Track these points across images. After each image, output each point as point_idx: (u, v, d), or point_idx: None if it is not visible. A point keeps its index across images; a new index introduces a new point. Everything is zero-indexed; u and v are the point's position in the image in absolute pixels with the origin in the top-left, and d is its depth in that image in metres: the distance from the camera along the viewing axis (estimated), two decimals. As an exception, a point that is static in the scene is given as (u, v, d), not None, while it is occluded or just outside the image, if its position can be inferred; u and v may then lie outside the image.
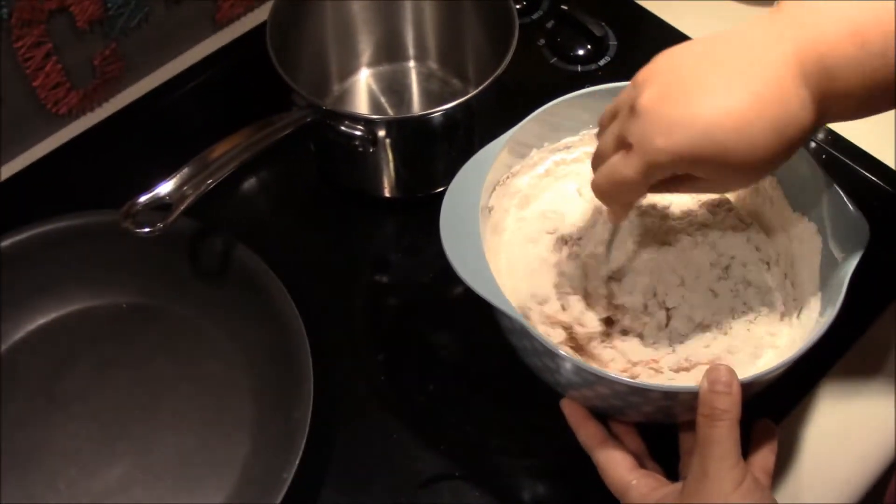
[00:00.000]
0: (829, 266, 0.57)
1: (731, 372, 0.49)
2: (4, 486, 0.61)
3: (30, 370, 0.66)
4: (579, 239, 0.62)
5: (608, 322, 0.59)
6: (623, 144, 0.49)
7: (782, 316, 0.59)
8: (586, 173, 0.67)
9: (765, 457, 0.54)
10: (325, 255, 0.73)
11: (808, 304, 0.58)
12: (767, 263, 0.61)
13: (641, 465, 0.55)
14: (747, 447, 0.53)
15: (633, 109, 0.48)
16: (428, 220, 0.58)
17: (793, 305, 0.59)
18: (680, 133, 0.46)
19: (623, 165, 0.48)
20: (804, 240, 0.59)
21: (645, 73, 0.50)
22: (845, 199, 0.56)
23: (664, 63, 0.49)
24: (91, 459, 0.62)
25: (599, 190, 0.52)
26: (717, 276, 0.60)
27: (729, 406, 0.48)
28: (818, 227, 0.58)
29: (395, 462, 0.62)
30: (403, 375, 0.66)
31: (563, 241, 0.62)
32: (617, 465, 0.54)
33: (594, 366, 0.55)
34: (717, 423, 0.48)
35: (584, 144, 0.65)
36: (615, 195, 0.51)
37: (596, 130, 0.64)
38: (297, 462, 0.57)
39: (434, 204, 0.57)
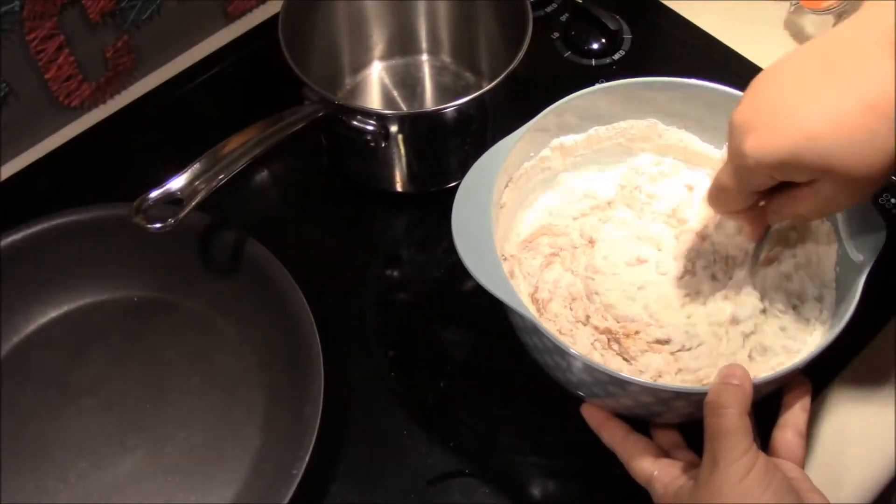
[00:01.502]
0: (844, 267, 0.56)
1: (745, 370, 0.50)
2: (15, 477, 0.61)
3: (41, 363, 0.66)
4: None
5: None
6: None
7: (794, 317, 0.59)
8: (596, 171, 0.66)
9: (796, 415, 0.54)
10: (337, 250, 0.73)
11: (821, 304, 0.57)
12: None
13: (672, 456, 0.54)
14: (779, 409, 0.54)
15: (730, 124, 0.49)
16: (440, 215, 0.58)
17: (806, 306, 0.59)
18: (763, 132, 0.46)
19: (721, 173, 0.51)
20: (819, 241, 0.59)
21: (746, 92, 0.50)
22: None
23: (754, 82, 0.49)
24: (102, 452, 0.62)
25: (709, 201, 0.55)
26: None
27: (737, 396, 0.48)
28: (833, 228, 0.58)
29: (405, 459, 0.62)
30: (414, 372, 0.66)
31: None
32: (639, 457, 0.54)
33: (608, 366, 0.55)
34: (723, 412, 0.48)
35: (595, 142, 0.65)
36: (719, 203, 0.54)
37: (606, 127, 0.64)
38: (307, 458, 0.57)
39: (446, 198, 0.57)
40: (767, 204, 0.52)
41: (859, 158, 0.45)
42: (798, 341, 0.57)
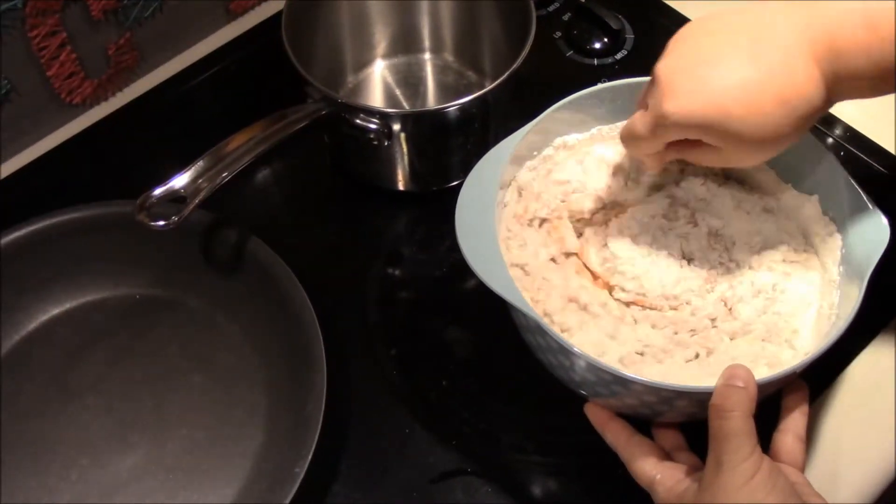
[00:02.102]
0: (847, 265, 0.56)
1: (749, 371, 0.49)
2: (16, 476, 0.61)
3: (43, 360, 0.66)
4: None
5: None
6: (643, 104, 0.55)
7: (798, 315, 0.59)
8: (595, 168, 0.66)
9: (795, 419, 0.54)
10: (339, 249, 0.73)
11: (825, 303, 0.57)
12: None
13: (674, 458, 0.54)
14: (779, 413, 0.54)
15: (651, 75, 0.53)
16: (442, 214, 0.58)
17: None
18: (685, 99, 0.50)
19: (638, 121, 0.54)
20: (823, 239, 0.59)
21: (670, 42, 0.54)
22: (865, 197, 0.56)
23: (685, 33, 0.53)
24: (103, 450, 0.62)
25: (621, 138, 0.58)
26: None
27: (742, 399, 0.48)
28: (837, 227, 0.58)
29: (407, 457, 0.62)
30: (416, 370, 0.66)
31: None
32: (642, 459, 0.54)
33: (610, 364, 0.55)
34: (729, 414, 0.48)
35: (597, 140, 0.65)
36: (631, 146, 0.57)
37: (609, 126, 0.64)
38: (309, 456, 0.57)
39: (449, 197, 0.57)
40: (673, 147, 0.55)
41: (765, 137, 0.50)
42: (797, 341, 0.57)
